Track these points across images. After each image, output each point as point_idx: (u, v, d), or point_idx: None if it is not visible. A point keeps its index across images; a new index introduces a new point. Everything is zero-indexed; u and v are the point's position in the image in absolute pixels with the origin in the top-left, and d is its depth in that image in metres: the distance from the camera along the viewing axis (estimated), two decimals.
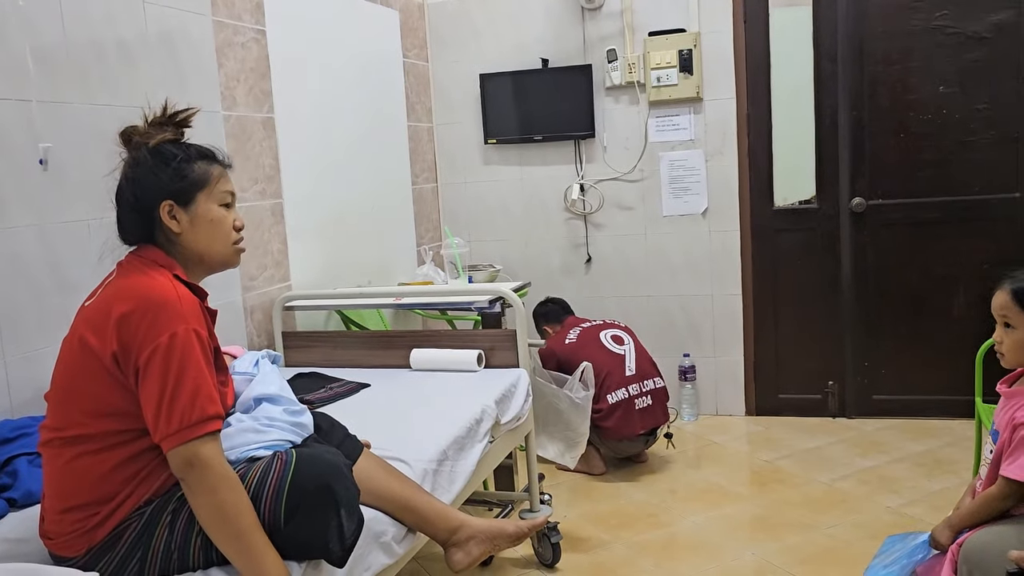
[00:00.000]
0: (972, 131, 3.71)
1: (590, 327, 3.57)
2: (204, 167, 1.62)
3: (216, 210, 1.62)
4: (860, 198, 3.87)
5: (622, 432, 3.39)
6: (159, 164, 1.59)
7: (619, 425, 3.37)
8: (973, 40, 3.66)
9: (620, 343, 3.52)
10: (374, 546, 1.75)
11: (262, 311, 2.98)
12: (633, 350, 3.52)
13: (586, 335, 3.51)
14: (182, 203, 1.59)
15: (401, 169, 4.05)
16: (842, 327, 3.98)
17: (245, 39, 2.93)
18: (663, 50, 3.94)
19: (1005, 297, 1.88)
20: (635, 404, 3.41)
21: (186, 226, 1.59)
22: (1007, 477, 1.78)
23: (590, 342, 3.47)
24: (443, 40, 4.32)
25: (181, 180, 1.59)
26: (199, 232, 1.60)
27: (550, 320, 3.81)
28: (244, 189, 2.89)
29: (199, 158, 1.63)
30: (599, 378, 3.31)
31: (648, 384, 3.49)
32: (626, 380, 3.43)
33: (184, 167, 1.60)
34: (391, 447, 2.02)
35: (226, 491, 1.45)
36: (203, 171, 1.62)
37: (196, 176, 1.60)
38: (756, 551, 2.79)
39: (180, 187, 1.58)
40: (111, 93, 2.33)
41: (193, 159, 1.61)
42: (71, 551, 1.49)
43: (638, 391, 3.44)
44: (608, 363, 3.41)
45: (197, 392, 1.45)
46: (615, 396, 3.38)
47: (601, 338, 3.50)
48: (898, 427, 3.85)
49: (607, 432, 3.39)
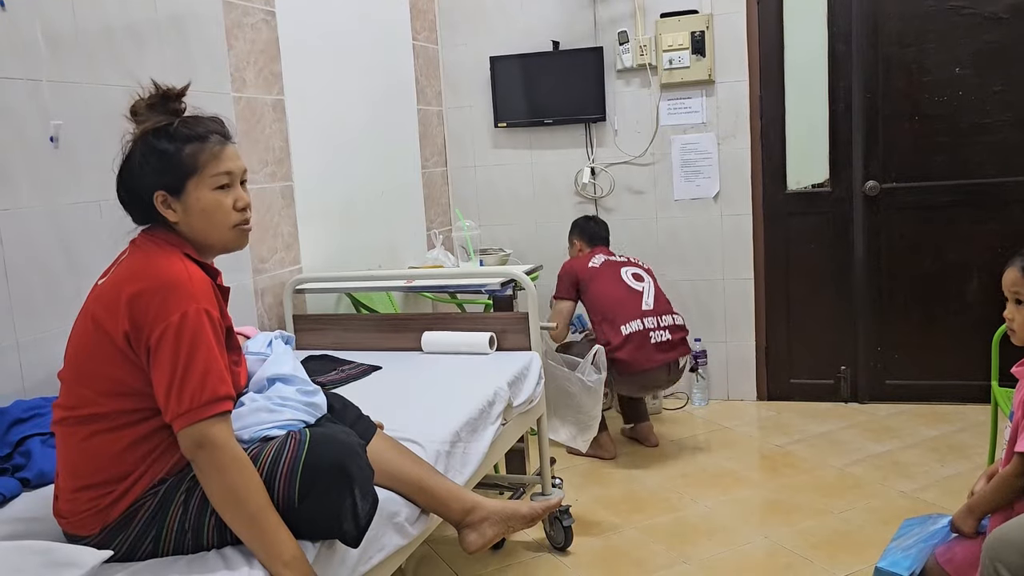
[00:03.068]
0: (987, 113, 3.67)
1: (615, 261, 3.56)
2: (193, 151, 1.54)
3: (207, 197, 1.55)
4: (873, 181, 3.83)
5: (639, 364, 3.30)
6: (148, 154, 1.55)
7: (634, 356, 3.30)
8: (990, 21, 3.61)
9: (640, 280, 3.49)
10: (388, 527, 1.74)
11: (272, 294, 2.97)
12: (652, 288, 3.49)
13: (609, 266, 3.50)
14: (174, 193, 1.54)
15: (411, 153, 4.03)
16: (855, 312, 3.95)
17: (255, 20, 2.91)
18: (675, 32, 3.91)
19: (1016, 274, 1.87)
20: (650, 337, 3.34)
21: (181, 215, 1.55)
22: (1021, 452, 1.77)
23: (611, 275, 3.46)
24: (453, 23, 4.29)
25: (169, 170, 1.54)
26: (194, 220, 1.56)
27: (584, 237, 3.72)
28: (254, 171, 2.88)
29: (189, 142, 1.55)
30: (613, 310, 3.34)
31: (666, 320, 3.41)
32: (642, 313, 3.37)
33: (172, 156, 1.54)
34: (403, 428, 2.01)
35: (236, 472, 1.44)
36: (192, 156, 1.54)
37: (184, 164, 1.54)
38: (769, 535, 2.78)
39: (169, 177, 1.54)
40: (121, 74, 2.31)
41: (182, 145, 1.54)
42: (85, 530, 1.49)
43: (654, 324, 3.37)
44: (624, 297, 3.40)
45: (207, 372, 1.44)
46: (628, 327, 3.33)
47: (622, 273, 3.49)
48: (911, 412, 3.83)
49: (623, 365, 3.30)
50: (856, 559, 2.57)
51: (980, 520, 1.86)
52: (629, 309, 3.37)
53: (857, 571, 2.51)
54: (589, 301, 3.46)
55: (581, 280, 3.46)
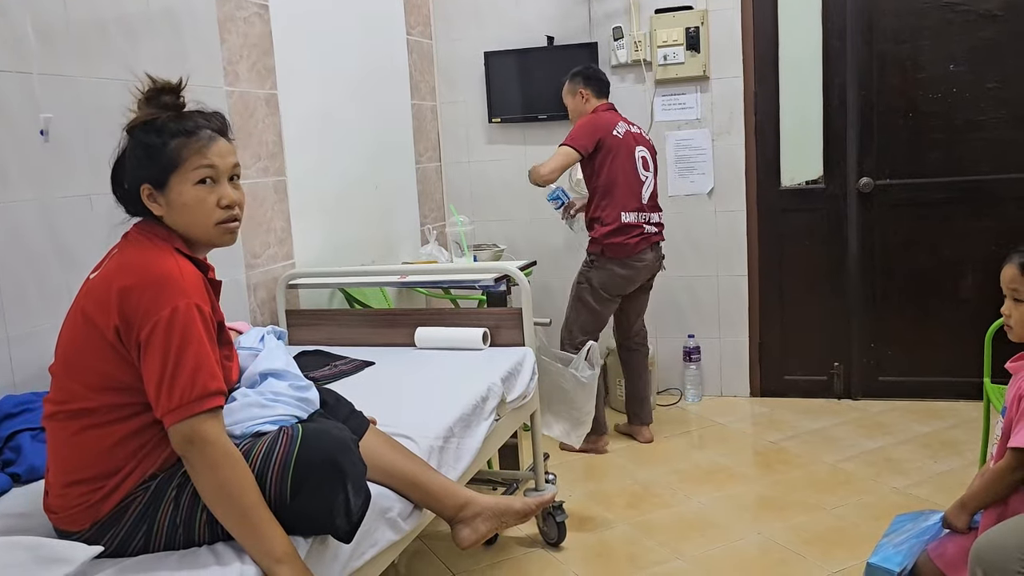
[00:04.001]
0: (982, 110, 3.67)
1: (633, 133, 3.47)
2: (178, 145, 1.53)
3: (190, 192, 1.53)
4: (868, 178, 3.84)
5: (630, 249, 3.38)
6: (135, 147, 1.55)
7: (628, 241, 3.38)
8: (984, 18, 3.62)
9: (647, 168, 3.48)
10: (380, 522, 1.74)
11: (265, 289, 2.96)
12: (652, 182, 3.50)
13: (628, 141, 3.43)
14: (158, 187, 1.54)
15: (405, 148, 4.02)
16: (848, 308, 3.96)
17: (248, 14, 2.89)
18: (670, 28, 3.90)
19: (1014, 271, 1.87)
20: (643, 229, 3.42)
21: (166, 209, 1.55)
22: (1015, 447, 1.77)
23: (629, 153, 3.41)
24: (447, 17, 4.27)
25: (154, 164, 1.53)
26: (177, 215, 1.55)
27: (591, 86, 3.53)
28: (247, 166, 2.86)
29: (176, 136, 1.53)
30: (622, 193, 3.36)
31: (654, 217, 3.50)
32: (640, 206, 3.42)
33: (156, 150, 1.53)
34: (396, 424, 2.00)
35: (228, 468, 1.43)
36: (175, 151, 1.53)
37: (168, 158, 1.53)
38: (762, 531, 2.78)
39: (154, 171, 1.53)
40: (113, 67, 2.30)
41: (169, 139, 1.53)
42: (76, 525, 1.48)
43: (646, 219, 3.45)
44: (633, 183, 3.40)
45: (198, 368, 1.43)
46: (628, 217, 3.39)
47: (636, 154, 3.45)
48: (904, 408, 3.84)
49: (615, 249, 3.37)
50: (849, 555, 2.58)
51: (972, 516, 1.87)
52: (632, 198, 3.40)
53: (850, 567, 2.51)
54: (605, 173, 3.38)
55: (604, 144, 3.36)
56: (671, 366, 4.19)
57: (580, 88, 3.52)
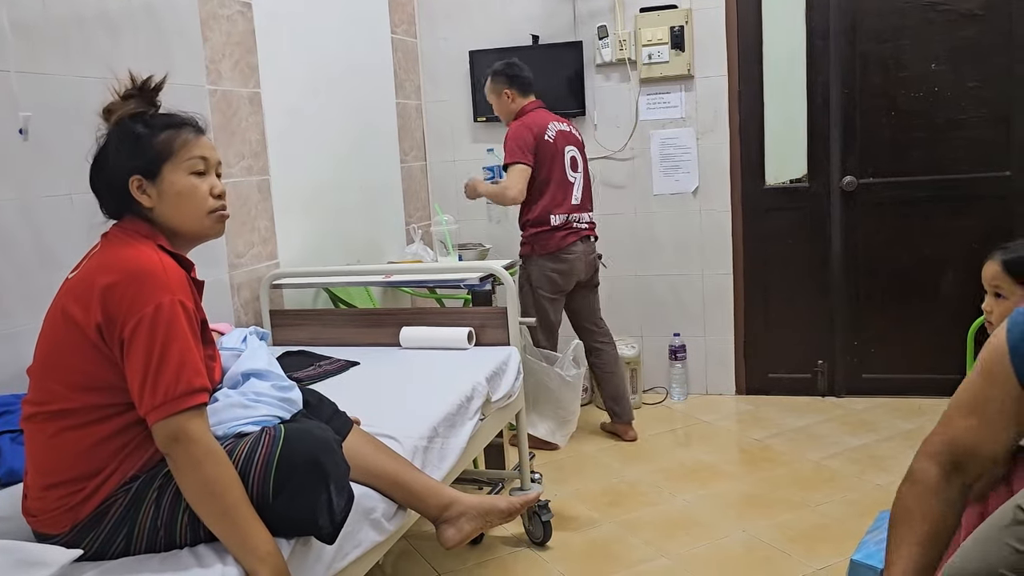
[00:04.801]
0: (963, 109, 3.70)
1: (563, 132, 3.48)
2: (168, 137, 1.55)
3: (184, 181, 1.55)
4: (851, 177, 3.85)
5: (558, 241, 3.41)
6: (123, 139, 1.55)
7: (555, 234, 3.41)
8: (965, 18, 3.64)
9: (576, 169, 3.51)
10: (364, 523, 1.73)
11: (249, 289, 2.94)
12: (581, 182, 3.54)
13: (560, 142, 3.44)
14: (149, 177, 1.54)
15: (390, 147, 4.00)
16: (832, 306, 3.98)
17: (231, 12, 2.87)
18: (654, 27, 3.91)
19: (996, 268, 1.87)
20: (572, 226, 3.46)
21: (156, 200, 1.54)
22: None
23: (559, 154, 3.43)
24: (432, 16, 4.26)
25: (145, 154, 1.54)
26: (169, 205, 1.55)
27: (515, 86, 3.49)
28: (230, 165, 2.84)
29: (164, 128, 1.56)
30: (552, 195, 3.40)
31: (585, 216, 3.53)
32: (570, 208, 3.46)
33: (147, 140, 1.54)
34: (381, 424, 1.99)
35: (212, 466, 1.42)
36: (167, 141, 1.55)
37: (160, 147, 1.54)
38: (747, 528, 2.79)
39: (144, 161, 1.53)
40: (93, 65, 2.27)
41: (157, 130, 1.55)
42: (55, 528, 1.47)
43: (577, 219, 3.49)
44: (562, 182, 3.43)
45: (183, 364, 1.42)
46: (556, 219, 3.42)
47: (565, 153, 3.46)
48: (887, 406, 3.86)
49: (543, 243, 3.41)
50: (833, 552, 2.59)
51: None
52: (562, 201, 3.44)
53: (834, 563, 2.52)
54: (536, 178, 3.40)
55: (538, 152, 3.37)
56: (657, 364, 4.20)
57: (504, 88, 3.50)
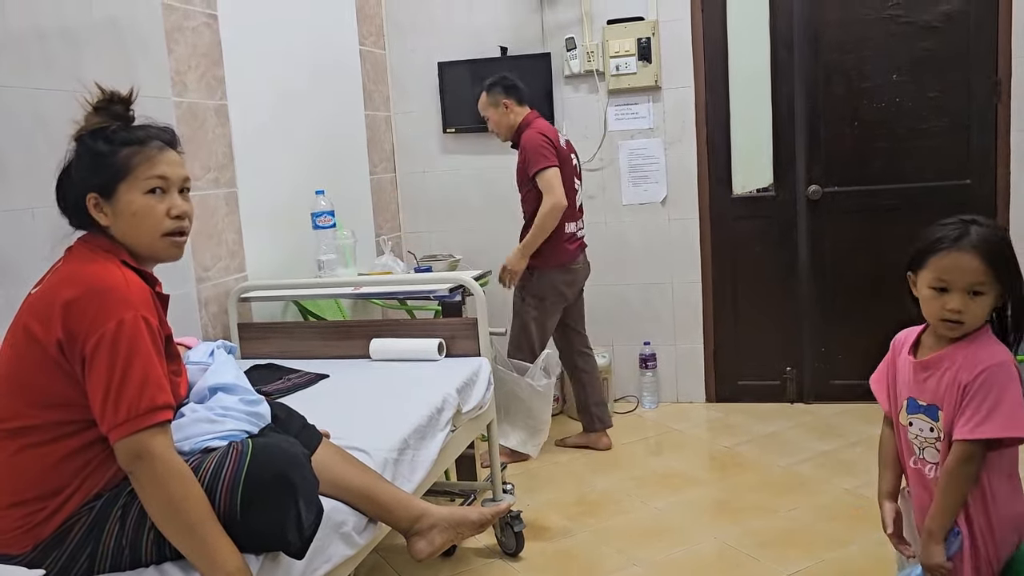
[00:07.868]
0: (924, 119, 3.77)
1: (567, 141, 3.57)
2: (128, 154, 1.52)
3: (138, 201, 1.51)
4: (816, 185, 3.91)
5: (571, 255, 3.49)
6: (83, 155, 1.53)
7: (569, 247, 3.47)
8: (925, 29, 3.71)
9: (579, 177, 3.58)
10: (334, 537, 1.72)
11: (217, 303, 2.91)
12: (581, 190, 3.62)
13: (568, 150, 3.52)
14: (105, 195, 1.51)
15: (359, 159, 3.99)
16: (800, 313, 4.02)
17: (196, 24, 2.85)
18: (622, 38, 3.94)
19: (976, 262, 1.58)
20: (578, 235, 3.56)
21: (112, 219, 1.52)
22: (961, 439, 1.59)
23: (569, 162, 3.48)
24: (400, 27, 4.27)
25: (102, 172, 1.51)
26: (125, 224, 1.52)
27: (513, 96, 3.49)
28: (197, 178, 2.82)
29: (125, 144, 1.52)
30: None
31: (582, 223, 3.60)
32: (576, 215, 3.53)
33: (105, 157, 1.51)
34: (351, 437, 1.98)
35: (176, 484, 1.41)
36: (125, 159, 1.51)
37: (117, 166, 1.51)
38: (718, 535, 2.80)
39: (101, 179, 1.51)
40: (54, 78, 2.24)
41: (119, 148, 1.52)
42: (16, 548, 1.44)
43: (580, 227, 3.57)
44: (571, 194, 3.47)
45: (146, 381, 1.40)
46: (570, 227, 3.48)
47: (572, 163, 3.52)
48: (855, 411, 3.90)
49: (559, 256, 3.45)
50: (804, 556, 2.61)
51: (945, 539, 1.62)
52: (571, 208, 3.47)
53: (805, 568, 2.55)
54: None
55: (561, 159, 3.40)
56: (627, 373, 4.21)
57: (503, 99, 3.48)
